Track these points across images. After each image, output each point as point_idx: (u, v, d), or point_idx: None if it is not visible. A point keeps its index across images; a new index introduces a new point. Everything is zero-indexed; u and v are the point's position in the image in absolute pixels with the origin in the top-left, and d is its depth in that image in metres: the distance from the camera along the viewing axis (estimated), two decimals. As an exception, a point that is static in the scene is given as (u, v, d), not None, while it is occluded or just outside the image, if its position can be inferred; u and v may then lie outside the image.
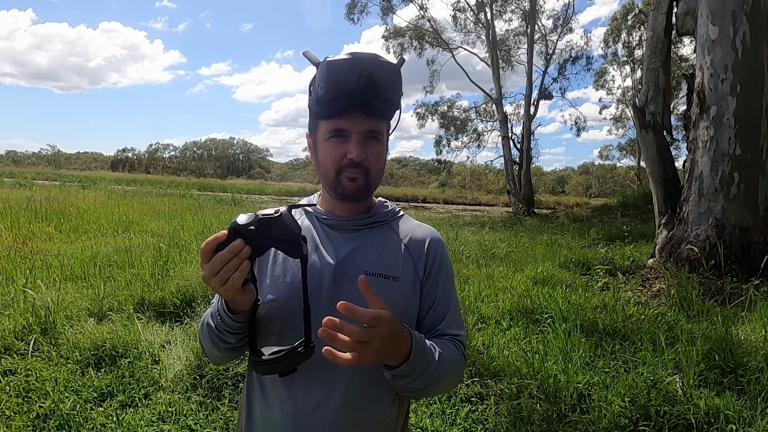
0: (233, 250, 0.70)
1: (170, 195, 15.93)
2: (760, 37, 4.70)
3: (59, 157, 71.51)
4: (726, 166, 4.70)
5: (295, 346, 0.77)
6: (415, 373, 0.77)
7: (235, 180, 44.44)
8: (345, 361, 0.68)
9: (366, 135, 0.85)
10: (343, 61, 0.81)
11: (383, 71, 0.82)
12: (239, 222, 0.72)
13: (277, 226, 0.72)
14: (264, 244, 0.72)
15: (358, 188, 0.87)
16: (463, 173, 43.14)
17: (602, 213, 13.97)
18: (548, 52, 18.70)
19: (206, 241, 0.72)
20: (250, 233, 0.71)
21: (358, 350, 0.68)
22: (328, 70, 0.81)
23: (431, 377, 0.79)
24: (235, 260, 0.71)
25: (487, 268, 5.47)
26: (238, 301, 0.77)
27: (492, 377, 2.76)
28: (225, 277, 0.71)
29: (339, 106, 0.82)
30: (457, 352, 0.87)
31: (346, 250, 0.89)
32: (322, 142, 0.88)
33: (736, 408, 2.32)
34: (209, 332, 0.86)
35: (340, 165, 0.86)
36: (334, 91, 0.81)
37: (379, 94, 0.81)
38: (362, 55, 0.82)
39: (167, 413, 2.42)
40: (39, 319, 3.21)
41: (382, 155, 0.90)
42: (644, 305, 4.10)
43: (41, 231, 7.14)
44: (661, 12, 5.80)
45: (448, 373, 0.83)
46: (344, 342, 0.67)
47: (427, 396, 0.86)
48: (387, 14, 18.28)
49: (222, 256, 0.71)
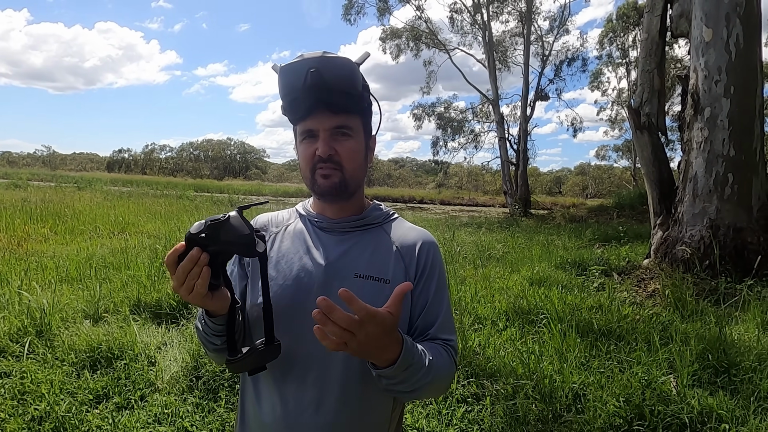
0: (192, 260, 0.72)
1: (166, 196, 15.88)
2: (754, 40, 4.75)
3: (54, 157, 71.12)
4: (720, 167, 4.73)
5: (255, 344, 0.79)
6: (398, 377, 0.77)
7: (232, 181, 44.33)
8: (329, 345, 0.69)
9: (333, 131, 0.87)
10: (291, 65, 0.84)
11: (331, 66, 0.83)
12: (191, 231, 0.73)
13: (225, 230, 0.73)
14: (219, 248, 0.74)
15: (332, 185, 0.88)
16: (460, 174, 43.23)
17: (598, 213, 14.03)
18: (544, 53, 18.78)
19: (168, 254, 0.74)
20: (202, 240, 0.73)
21: (344, 338, 0.69)
22: (281, 75, 0.86)
23: (418, 383, 0.80)
24: (195, 269, 0.72)
25: (483, 269, 5.48)
26: (211, 306, 0.79)
27: (488, 378, 2.77)
28: (190, 285, 0.73)
29: (300, 107, 0.85)
30: (448, 358, 0.87)
31: (338, 251, 0.90)
32: (298, 144, 0.91)
33: (729, 407, 2.34)
34: (200, 334, 0.89)
35: (312, 163, 0.88)
36: (288, 94, 0.85)
37: (330, 89, 0.82)
38: (309, 55, 0.84)
39: (163, 415, 2.42)
40: (34, 321, 3.20)
41: (356, 150, 0.89)
42: (639, 305, 4.12)
43: (36, 232, 7.11)
44: (655, 14, 5.84)
45: (437, 380, 0.83)
46: (333, 328, 0.68)
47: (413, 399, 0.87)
48: (384, 15, 18.34)
49: (183, 266, 0.73)
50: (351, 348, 0.70)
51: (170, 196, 16.18)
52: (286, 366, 0.86)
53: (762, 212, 4.73)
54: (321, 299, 0.67)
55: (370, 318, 0.68)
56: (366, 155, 0.93)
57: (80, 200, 11.62)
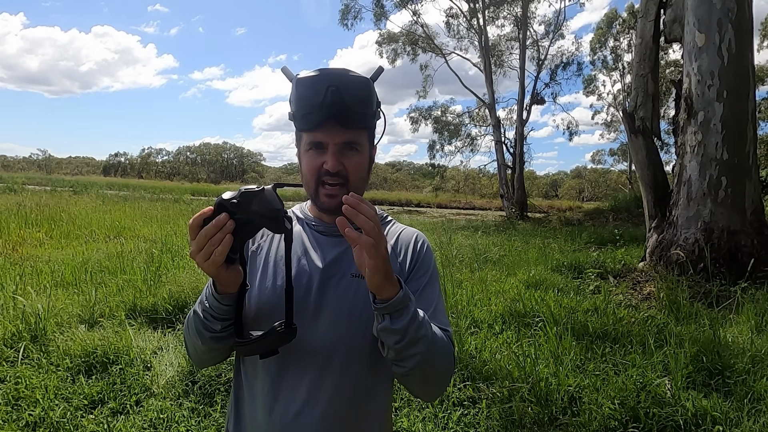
0: (217, 224, 0.72)
1: (163, 200, 15.84)
2: (745, 44, 4.80)
3: (50, 161, 70.80)
4: (713, 171, 4.77)
5: (274, 326, 0.78)
6: (409, 312, 0.77)
7: (229, 184, 44.20)
8: (367, 242, 0.71)
9: (343, 146, 0.87)
10: (311, 78, 0.84)
11: (351, 86, 0.84)
12: (224, 197, 0.73)
13: (258, 200, 0.73)
14: (247, 218, 0.74)
15: (337, 205, 0.87)
16: (457, 177, 43.33)
17: (594, 217, 14.09)
18: (540, 57, 18.89)
19: (194, 216, 0.74)
20: (233, 206, 0.72)
21: (374, 235, 0.71)
22: (297, 87, 0.85)
23: (424, 335, 0.79)
24: (218, 234, 0.72)
25: (480, 272, 5.49)
26: (223, 278, 0.78)
27: (484, 381, 2.77)
28: (209, 251, 0.73)
29: (312, 120, 0.85)
30: (443, 336, 0.86)
31: (334, 254, 0.92)
32: (303, 153, 0.91)
33: (723, 409, 2.36)
34: (195, 321, 0.85)
35: (318, 175, 0.88)
36: (305, 108, 0.84)
37: (348, 107, 0.83)
38: (330, 70, 0.85)
39: (159, 420, 2.41)
40: (29, 326, 3.19)
41: (362, 165, 0.91)
42: (635, 308, 4.14)
43: (31, 237, 7.08)
44: (649, 19, 5.90)
45: (440, 347, 0.82)
46: (363, 219, 0.71)
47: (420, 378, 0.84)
48: (380, 20, 18.38)
49: (206, 230, 0.72)
50: (382, 248, 0.72)
51: (167, 200, 16.14)
52: (283, 366, 0.87)
53: (755, 215, 4.77)
54: (346, 197, 0.72)
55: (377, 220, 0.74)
56: (369, 167, 0.95)
57: (76, 204, 11.57)
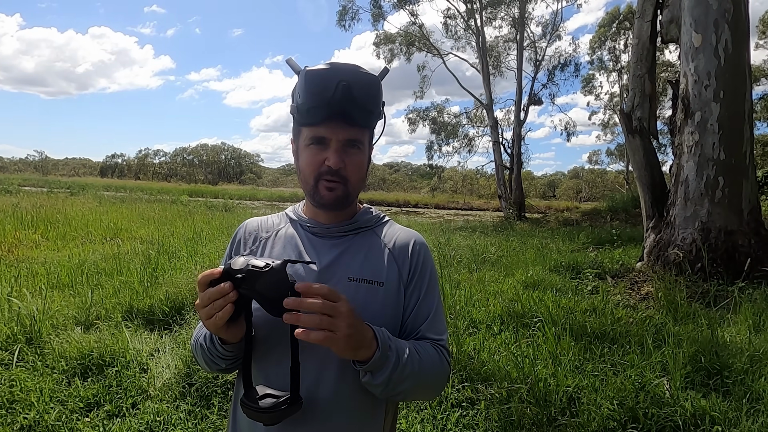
0: (220, 291, 0.72)
1: (160, 201, 15.78)
2: (742, 45, 4.82)
3: (47, 163, 70.52)
4: (711, 171, 4.79)
5: (280, 402, 0.77)
6: (389, 365, 0.77)
7: (227, 186, 44.10)
8: (317, 338, 0.69)
9: (346, 143, 0.86)
10: (321, 71, 0.82)
11: (362, 82, 0.83)
12: (233, 266, 0.73)
13: (263, 281, 0.71)
14: (249, 295, 0.73)
15: (336, 198, 0.88)
16: (454, 178, 43.35)
17: (592, 217, 14.13)
18: (537, 58, 18.94)
19: (203, 273, 0.74)
20: (237, 281, 0.72)
21: (326, 326, 0.69)
22: (307, 79, 0.83)
23: (410, 373, 0.79)
24: (220, 301, 0.73)
25: (478, 273, 5.49)
26: (223, 335, 0.79)
27: (482, 382, 2.77)
28: (210, 313, 0.73)
29: (318, 114, 0.83)
30: (437, 355, 0.87)
31: (330, 257, 0.90)
32: (302, 148, 0.89)
33: (721, 409, 2.35)
34: (202, 353, 0.87)
35: (319, 172, 0.87)
36: (312, 101, 0.82)
37: (356, 104, 0.82)
38: (341, 65, 0.83)
39: (155, 423, 2.39)
40: (24, 329, 3.16)
41: (363, 164, 0.90)
42: (633, 308, 4.14)
43: (27, 238, 7.03)
44: (646, 20, 5.92)
45: (426, 375, 0.83)
46: (309, 319, 0.69)
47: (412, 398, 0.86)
48: (378, 20, 18.40)
49: (210, 293, 0.73)
50: (341, 334, 0.70)
51: (164, 201, 16.08)
52: (280, 373, 0.85)
53: (752, 215, 4.79)
54: (287, 300, 0.69)
55: (334, 296, 0.71)
56: (368, 166, 0.94)
57: (72, 206, 11.51)
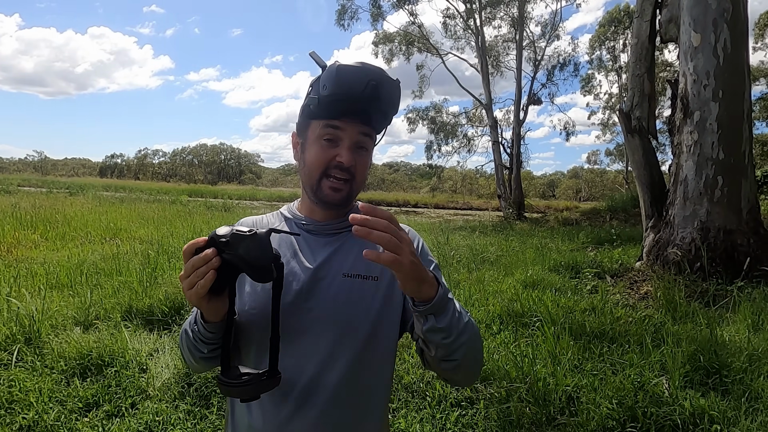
0: (204, 258, 0.72)
1: (160, 201, 15.77)
2: (741, 44, 4.82)
3: (46, 163, 70.50)
4: (710, 170, 4.79)
5: (259, 374, 0.77)
6: (450, 308, 0.77)
7: (226, 186, 44.08)
8: (387, 259, 0.67)
9: (357, 143, 0.88)
10: (353, 68, 0.84)
11: (388, 85, 0.85)
12: (217, 232, 0.73)
13: (245, 245, 0.71)
14: (232, 259, 0.72)
15: (341, 198, 0.90)
16: (454, 178, 43.38)
17: (591, 216, 14.13)
18: (537, 58, 18.95)
19: (189, 243, 0.74)
20: (221, 245, 0.72)
21: (393, 248, 0.67)
22: (338, 73, 0.83)
23: (466, 325, 0.80)
24: (203, 267, 0.72)
25: (477, 272, 5.49)
26: (205, 308, 0.78)
27: (481, 381, 2.77)
28: (193, 282, 0.72)
29: (339, 108, 0.84)
30: None
31: (324, 254, 0.91)
32: (312, 142, 0.89)
33: (720, 408, 2.36)
34: (186, 339, 0.87)
35: (327, 167, 0.88)
36: (340, 93, 0.83)
37: (379, 106, 0.85)
38: (371, 66, 0.85)
39: (154, 423, 2.39)
40: (23, 329, 3.16)
41: (368, 165, 0.93)
42: (632, 308, 4.14)
43: (26, 238, 7.02)
44: (645, 19, 5.92)
45: (477, 331, 0.84)
46: (380, 236, 0.66)
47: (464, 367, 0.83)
48: (377, 20, 18.41)
49: (194, 261, 0.72)
50: (407, 258, 0.68)
51: (163, 201, 16.07)
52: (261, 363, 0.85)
53: (751, 214, 4.79)
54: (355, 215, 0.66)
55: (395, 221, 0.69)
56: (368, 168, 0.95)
57: (72, 206, 11.50)
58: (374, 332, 0.88)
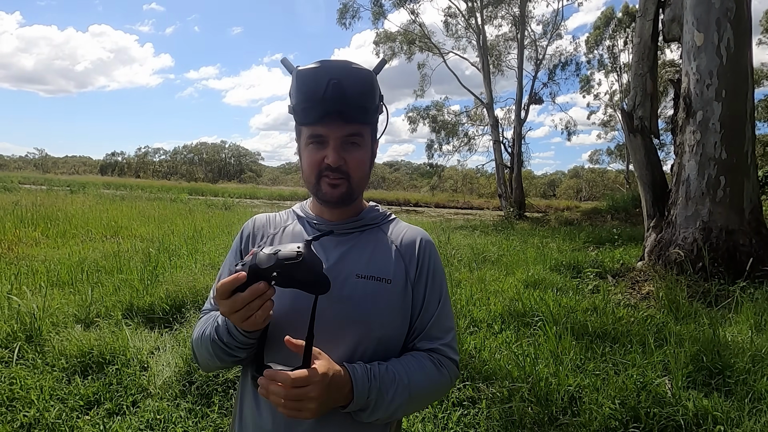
0: (256, 292, 0.69)
1: (160, 199, 15.76)
2: (744, 44, 4.81)
3: (47, 161, 70.47)
4: (712, 170, 4.77)
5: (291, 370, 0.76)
6: (371, 405, 0.79)
7: (227, 184, 44.07)
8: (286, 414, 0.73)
9: (344, 140, 0.86)
10: (311, 70, 0.81)
11: (353, 79, 0.82)
12: (260, 265, 0.69)
13: (301, 270, 0.69)
14: (289, 286, 0.71)
15: (339, 195, 0.88)
16: (454, 177, 43.32)
17: (592, 216, 14.12)
18: (538, 57, 18.94)
19: (224, 281, 0.70)
20: (274, 279, 0.70)
21: (290, 407, 0.72)
22: (298, 79, 0.82)
23: (395, 402, 0.81)
24: (257, 301, 0.70)
25: (478, 272, 5.48)
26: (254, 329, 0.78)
27: (483, 381, 2.76)
28: (246, 315, 0.71)
29: (312, 114, 0.82)
30: (433, 367, 0.88)
31: (337, 254, 0.90)
32: (303, 147, 0.89)
33: (723, 409, 2.35)
34: (213, 347, 0.84)
35: (319, 170, 0.87)
36: (305, 101, 0.82)
37: (349, 102, 0.81)
38: (332, 63, 0.82)
39: (155, 421, 2.38)
40: (24, 326, 3.15)
41: (364, 160, 0.90)
42: (634, 308, 4.13)
43: (27, 236, 7.02)
44: (647, 19, 5.90)
45: (419, 394, 0.84)
46: (275, 399, 0.72)
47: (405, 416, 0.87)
48: (378, 19, 18.37)
49: (244, 297, 0.69)
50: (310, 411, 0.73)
51: (164, 199, 16.06)
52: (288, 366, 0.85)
53: (753, 214, 4.78)
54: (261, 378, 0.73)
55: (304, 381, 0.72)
56: (371, 162, 0.93)
57: (72, 203, 11.50)
58: (386, 334, 0.87)
